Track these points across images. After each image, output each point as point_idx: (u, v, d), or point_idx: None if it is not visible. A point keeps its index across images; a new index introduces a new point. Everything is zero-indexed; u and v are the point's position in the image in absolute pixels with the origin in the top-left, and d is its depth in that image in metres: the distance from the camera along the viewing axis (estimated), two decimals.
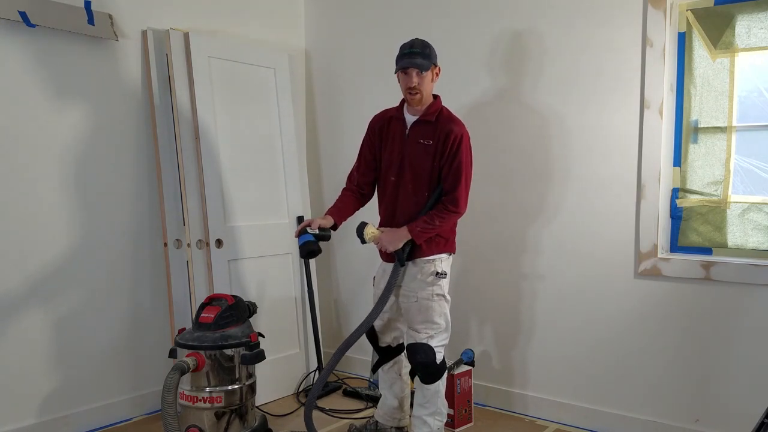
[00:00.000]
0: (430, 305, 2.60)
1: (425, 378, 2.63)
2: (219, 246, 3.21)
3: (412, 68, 2.49)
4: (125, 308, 3.18)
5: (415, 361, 2.62)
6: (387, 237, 2.58)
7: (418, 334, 2.62)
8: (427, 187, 2.58)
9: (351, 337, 2.64)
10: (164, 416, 2.31)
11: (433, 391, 2.65)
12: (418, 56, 2.49)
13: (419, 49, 2.50)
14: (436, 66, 2.57)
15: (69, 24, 2.84)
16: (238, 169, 3.37)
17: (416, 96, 2.53)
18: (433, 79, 2.56)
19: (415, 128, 2.61)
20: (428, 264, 2.60)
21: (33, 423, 2.85)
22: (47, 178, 2.87)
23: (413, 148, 2.60)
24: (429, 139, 2.56)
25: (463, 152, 2.53)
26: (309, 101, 4.04)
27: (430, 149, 2.55)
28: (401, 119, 2.66)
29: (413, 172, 2.60)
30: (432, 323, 2.62)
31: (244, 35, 3.62)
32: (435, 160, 2.55)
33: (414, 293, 2.62)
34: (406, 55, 2.51)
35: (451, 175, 2.53)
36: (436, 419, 2.68)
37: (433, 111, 2.59)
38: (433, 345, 2.61)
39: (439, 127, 2.56)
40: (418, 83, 2.50)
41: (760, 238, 2.64)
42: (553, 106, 3.05)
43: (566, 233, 3.05)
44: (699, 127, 2.76)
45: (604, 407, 2.99)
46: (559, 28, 3.00)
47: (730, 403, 2.66)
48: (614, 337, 2.95)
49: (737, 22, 2.63)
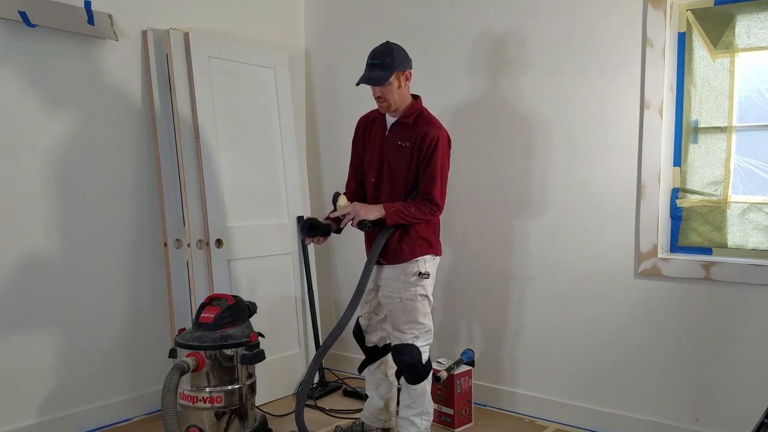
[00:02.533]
0: (414, 305, 2.61)
1: (411, 378, 2.64)
2: (219, 246, 3.21)
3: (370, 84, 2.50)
4: (125, 308, 3.18)
5: (402, 361, 2.62)
6: (361, 205, 2.59)
7: (404, 334, 2.63)
8: (403, 189, 2.61)
9: (327, 340, 2.64)
10: (164, 416, 2.31)
11: (420, 391, 2.66)
12: (376, 69, 2.49)
13: (379, 59, 2.49)
14: (403, 71, 2.54)
15: (69, 24, 2.84)
16: (238, 169, 3.37)
17: (383, 104, 2.56)
18: (401, 86, 2.54)
19: (394, 130, 2.64)
20: (411, 265, 2.61)
21: (33, 423, 2.85)
22: (46, 177, 2.87)
23: (392, 149, 2.62)
24: (406, 141, 2.57)
25: (438, 154, 2.53)
26: (309, 101, 4.04)
27: (407, 151, 2.57)
28: (382, 121, 2.69)
29: (390, 173, 2.63)
30: (417, 323, 2.63)
31: (244, 35, 3.62)
32: (412, 162, 2.57)
33: (397, 294, 2.62)
34: (366, 67, 2.53)
35: (427, 176, 2.54)
36: (423, 419, 2.69)
37: (411, 113, 2.60)
38: (419, 345, 2.62)
39: (416, 129, 2.57)
40: (383, 93, 2.52)
41: (760, 238, 2.64)
42: (553, 106, 3.05)
43: (566, 233, 3.05)
44: (699, 127, 2.76)
45: (604, 407, 2.99)
46: (559, 28, 3.00)
47: (730, 403, 2.66)
48: (614, 337, 2.95)
49: (737, 22, 2.63)
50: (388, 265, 2.65)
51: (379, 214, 2.53)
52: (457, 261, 3.41)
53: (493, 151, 3.25)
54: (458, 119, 3.33)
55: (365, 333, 2.86)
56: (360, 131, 2.80)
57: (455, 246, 3.40)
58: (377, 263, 2.67)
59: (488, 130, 3.26)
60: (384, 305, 2.71)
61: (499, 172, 3.24)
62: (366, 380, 2.96)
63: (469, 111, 3.31)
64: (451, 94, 3.36)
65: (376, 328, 2.84)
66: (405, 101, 2.60)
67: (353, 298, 2.61)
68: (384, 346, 2.85)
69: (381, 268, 2.69)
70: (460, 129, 3.29)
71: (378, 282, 2.72)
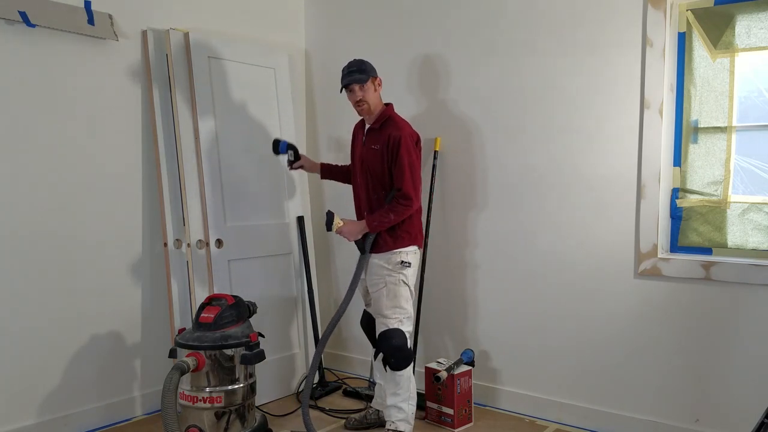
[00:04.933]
0: (398, 290, 2.81)
1: (399, 363, 2.78)
2: (219, 246, 3.21)
3: (354, 83, 2.80)
4: (125, 308, 3.18)
5: (390, 345, 2.78)
6: (347, 228, 2.85)
7: (389, 320, 2.80)
8: (381, 187, 2.85)
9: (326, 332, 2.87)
10: (164, 416, 2.31)
11: (406, 376, 2.81)
12: (355, 72, 2.81)
13: (356, 67, 2.83)
14: (376, 78, 2.86)
15: (69, 24, 2.84)
16: (238, 169, 3.37)
17: (364, 107, 2.85)
18: (375, 89, 2.86)
19: (369, 135, 2.92)
20: (394, 255, 2.83)
21: (33, 423, 2.85)
22: (46, 178, 2.87)
23: (368, 153, 2.89)
24: (377, 144, 2.84)
25: (402, 152, 2.76)
26: (309, 101, 4.04)
27: (378, 153, 2.83)
28: (363, 127, 2.99)
29: (368, 174, 2.89)
30: (400, 308, 2.82)
31: (244, 35, 3.62)
32: (384, 163, 2.81)
33: (382, 279, 2.83)
34: (346, 75, 2.84)
35: (397, 172, 2.78)
36: (410, 404, 2.84)
37: (381, 119, 2.87)
38: (404, 329, 2.81)
39: (383, 132, 2.83)
40: (363, 96, 2.82)
41: (760, 238, 2.64)
42: (554, 106, 3.05)
43: (566, 233, 3.05)
44: (699, 127, 2.76)
45: (604, 407, 2.99)
46: (558, 28, 3.00)
47: (730, 403, 2.66)
48: (614, 337, 2.95)
49: (737, 22, 2.63)
50: (374, 254, 2.87)
51: (364, 230, 2.82)
52: (457, 260, 3.41)
53: (492, 150, 3.25)
54: (460, 119, 3.33)
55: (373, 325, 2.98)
56: (352, 136, 3.09)
57: (454, 245, 3.40)
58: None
59: (487, 130, 3.26)
60: (371, 293, 2.90)
61: (498, 172, 3.24)
62: (374, 368, 3.15)
63: (469, 110, 3.31)
64: (453, 90, 3.36)
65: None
66: (379, 107, 2.89)
67: (349, 289, 2.88)
68: None
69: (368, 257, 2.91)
70: (459, 128, 3.29)
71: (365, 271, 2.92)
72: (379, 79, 2.88)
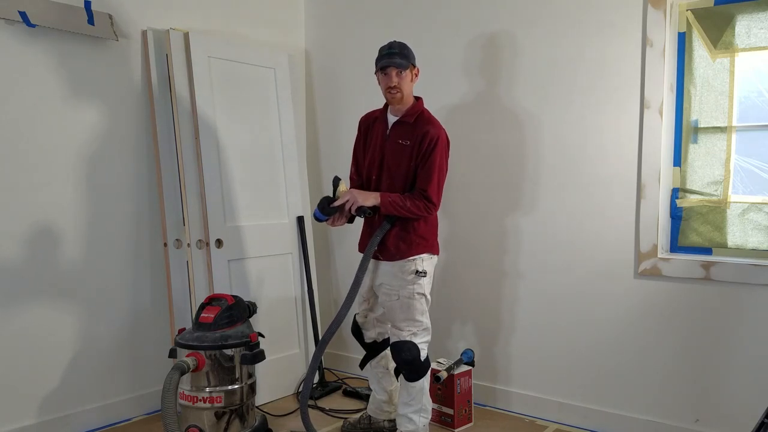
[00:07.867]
0: (412, 303, 2.64)
1: (410, 375, 2.66)
2: (219, 246, 3.21)
3: (392, 67, 2.55)
4: (125, 308, 3.18)
5: (400, 358, 2.65)
6: (359, 192, 2.64)
7: (401, 332, 2.66)
8: (402, 187, 2.65)
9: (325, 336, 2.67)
10: (164, 416, 2.31)
11: (418, 388, 2.68)
12: (396, 56, 2.55)
13: (397, 49, 2.57)
14: (415, 66, 2.63)
15: (69, 24, 2.84)
16: (238, 168, 3.37)
17: (396, 95, 2.59)
18: (412, 80, 2.63)
19: (396, 128, 2.68)
20: (409, 263, 2.64)
21: (33, 423, 2.85)
22: (46, 178, 2.87)
23: (392, 147, 2.66)
24: (407, 140, 2.62)
25: (437, 153, 2.58)
26: (309, 101, 4.04)
27: (407, 150, 2.62)
28: (384, 120, 2.74)
29: (390, 171, 2.67)
30: (414, 321, 2.66)
31: (244, 35, 3.62)
32: (412, 161, 2.61)
33: (396, 291, 2.66)
34: (385, 55, 2.58)
35: (424, 174, 2.59)
36: (421, 416, 2.72)
37: (413, 112, 2.65)
38: (417, 342, 2.65)
39: (417, 128, 2.62)
40: (398, 82, 2.57)
41: (760, 238, 2.64)
42: (554, 107, 3.05)
43: (566, 233, 3.05)
44: (699, 127, 2.76)
45: (604, 407, 2.99)
46: (559, 28, 3.00)
47: (730, 403, 2.66)
48: (614, 337, 2.95)
49: (737, 22, 2.63)
50: (386, 261, 2.69)
51: (375, 201, 2.59)
52: (456, 260, 3.41)
53: (490, 150, 3.25)
54: (454, 118, 3.33)
55: (363, 330, 2.90)
56: (362, 130, 2.86)
57: (454, 245, 3.40)
58: (374, 258, 2.71)
59: (485, 130, 3.26)
60: (382, 303, 2.75)
61: (497, 171, 3.24)
62: (368, 375, 3.03)
63: (466, 110, 3.31)
64: (448, 94, 3.36)
65: (372, 324, 2.90)
66: (410, 98, 2.67)
67: (350, 292, 2.65)
68: (383, 341, 2.90)
69: (378, 264, 2.73)
70: (457, 128, 3.29)
71: (375, 279, 2.76)
72: (417, 69, 2.66)
